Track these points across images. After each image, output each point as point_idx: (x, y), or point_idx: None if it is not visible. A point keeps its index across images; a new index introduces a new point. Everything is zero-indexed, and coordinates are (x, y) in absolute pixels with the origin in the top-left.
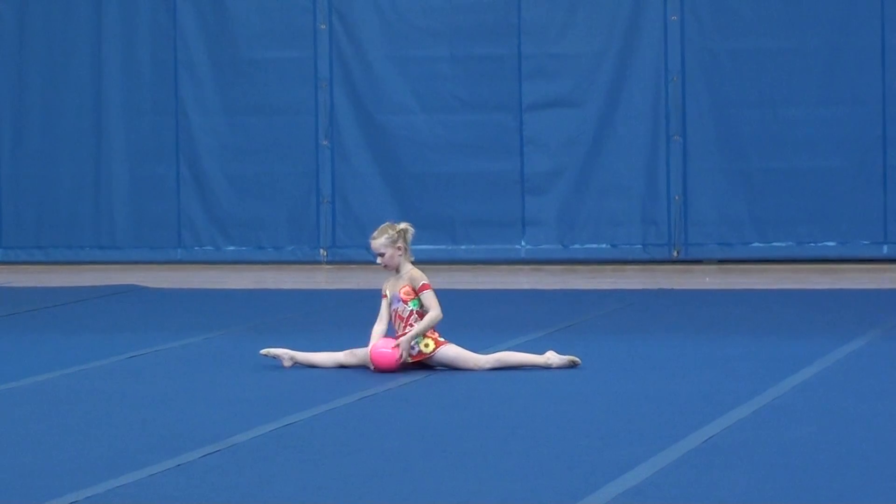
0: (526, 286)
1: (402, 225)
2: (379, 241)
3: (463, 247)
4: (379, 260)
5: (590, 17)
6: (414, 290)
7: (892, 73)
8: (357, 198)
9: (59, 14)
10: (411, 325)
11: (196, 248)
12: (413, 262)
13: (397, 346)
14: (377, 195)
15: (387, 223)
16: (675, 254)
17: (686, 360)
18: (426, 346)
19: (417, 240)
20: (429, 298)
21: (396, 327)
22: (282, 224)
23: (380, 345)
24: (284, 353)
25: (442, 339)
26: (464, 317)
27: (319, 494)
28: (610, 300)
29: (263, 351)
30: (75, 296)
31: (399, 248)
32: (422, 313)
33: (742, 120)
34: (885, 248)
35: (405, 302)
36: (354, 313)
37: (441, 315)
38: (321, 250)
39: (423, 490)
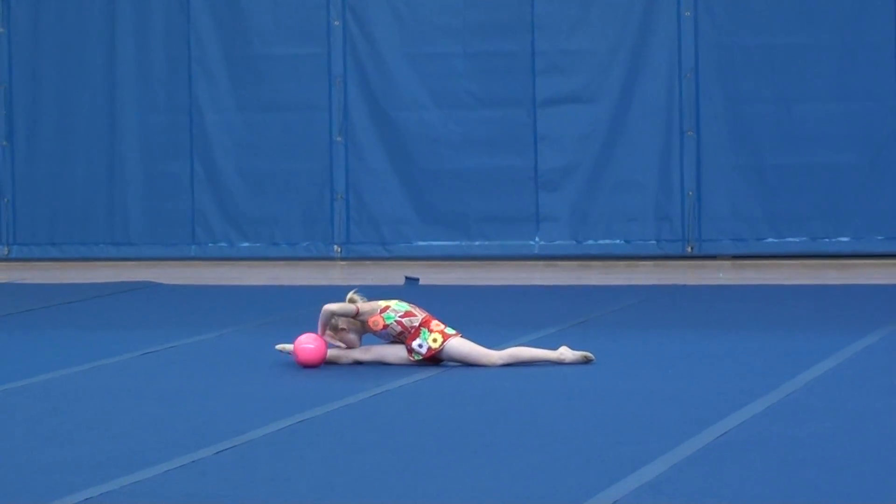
0: (540, 282)
1: (347, 299)
2: (333, 336)
3: (477, 243)
4: (345, 342)
5: (603, 13)
6: (374, 316)
7: None
8: (371, 194)
9: (72, 11)
10: (412, 326)
11: (210, 244)
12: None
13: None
14: (391, 191)
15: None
16: (688, 249)
17: (700, 355)
18: (434, 341)
19: (431, 236)
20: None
21: (402, 339)
22: (296, 220)
23: (303, 339)
24: None
25: (450, 332)
26: (477, 313)
27: (333, 491)
28: (623, 296)
29: (278, 347)
30: (89, 292)
31: (343, 329)
32: (406, 316)
33: (756, 116)
34: None
35: (384, 326)
36: None
37: (349, 308)
38: (335, 246)
39: (436, 486)
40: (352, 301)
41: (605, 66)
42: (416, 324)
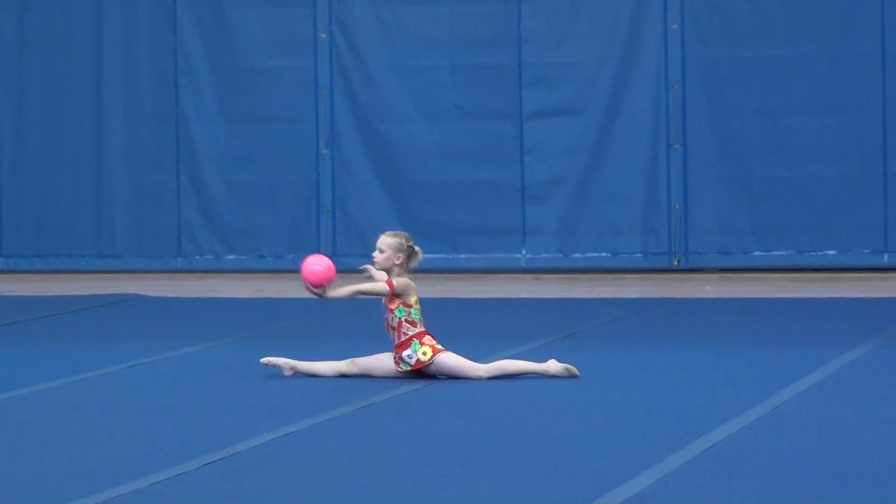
0: (526, 295)
1: (417, 248)
2: (385, 240)
3: (463, 255)
4: (375, 255)
5: (590, 26)
6: (395, 300)
7: (893, 82)
8: (357, 207)
9: (59, 22)
10: (405, 334)
11: (196, 256)
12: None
13: (322, 289)
14: (377, 204)
15: (406, 235)
16: (675, 262)
17: (686, 368)
18: (424, 354)
19: None
20: (379, 282)
21: (392, 337)
22: (282, 233)
23: (312, 261)
24: (285, 363)
25: (439, 347)
26: (464, 325)
27: (320, 503)
28: (610, 309)
29: (264, 360)
30: (75, 305)
31: (398, 259)
32: (410, 322)
33: (742, 128)
34: (886, 257)
35: (391, 311)
36: (354, 322)
37: (382, 289)
38: None
39: (424, 499)
40: (413, 251)
41: (591, 78)
42: (410, 334)
